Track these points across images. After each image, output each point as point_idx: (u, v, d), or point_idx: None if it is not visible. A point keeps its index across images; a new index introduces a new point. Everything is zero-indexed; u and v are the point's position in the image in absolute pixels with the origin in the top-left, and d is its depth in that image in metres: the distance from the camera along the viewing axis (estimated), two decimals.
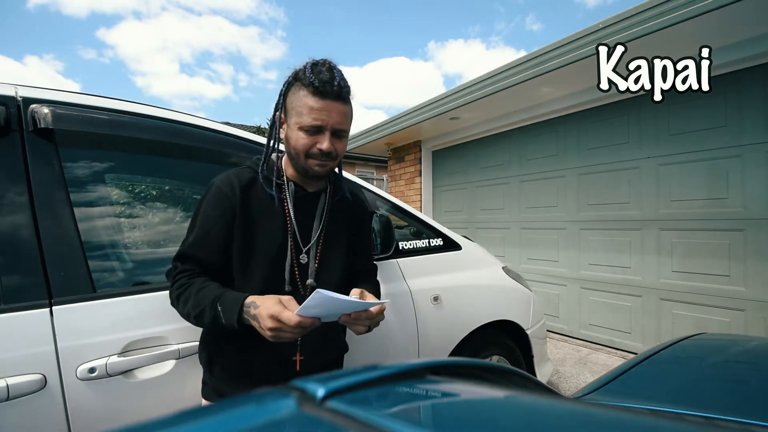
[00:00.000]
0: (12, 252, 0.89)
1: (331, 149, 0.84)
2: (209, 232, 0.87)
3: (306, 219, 0.93)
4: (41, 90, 1.01)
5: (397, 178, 5.41)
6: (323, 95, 0.80)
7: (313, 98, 0.80)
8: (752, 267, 2.44)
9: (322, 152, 0.83)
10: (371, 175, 11.97)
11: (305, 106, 0.81)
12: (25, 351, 0.84)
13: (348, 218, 1.01)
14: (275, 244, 0.89)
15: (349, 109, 0.87)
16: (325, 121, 0.81)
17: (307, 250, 0.92)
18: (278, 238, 0.89)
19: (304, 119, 0.81)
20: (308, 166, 0.86)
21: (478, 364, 0.61)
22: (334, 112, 0.82)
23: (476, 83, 3.41)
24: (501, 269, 1.94)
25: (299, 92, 0.82)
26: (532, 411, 0.41)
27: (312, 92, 0.80)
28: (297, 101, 0.83)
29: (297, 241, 0.91)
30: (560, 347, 3.27)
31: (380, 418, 0.30)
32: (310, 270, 0.92)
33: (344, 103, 0.84)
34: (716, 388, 0.92)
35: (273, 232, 0.89)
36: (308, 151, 0.84)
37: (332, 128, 0.83)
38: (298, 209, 0.92)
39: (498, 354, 1.79)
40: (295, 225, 0.91)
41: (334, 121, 0.82)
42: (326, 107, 0.81)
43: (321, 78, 0.80)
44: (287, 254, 0.89)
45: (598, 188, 3.24)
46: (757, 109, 2.42)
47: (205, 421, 0.33)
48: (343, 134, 0.87)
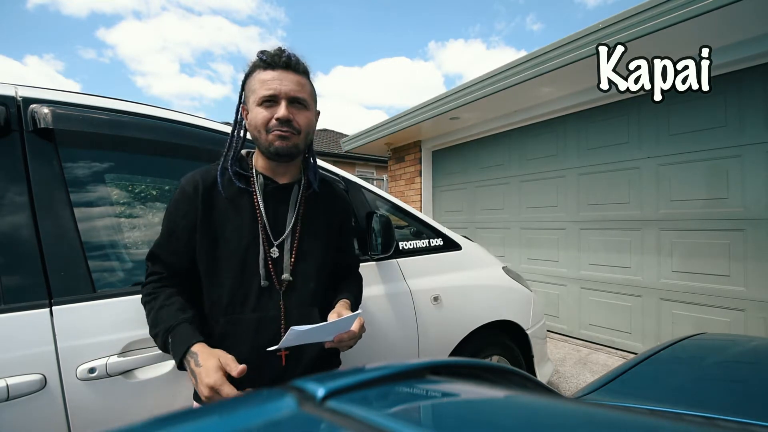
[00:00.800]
0: (12, 252, 0.89)
1: (289, 116, 0.84)
2: (173, 233, 0.88)
3: (279, 212, 0.91)
4: (41, 90, 1.01)
5: (397, 178, 5.41)
6: (273, 66, 0.84)
7: (264, 72, 0.84)
8: (752, 267, 2.44)
9: (279, 120, 0.83)
10: (371, 175, 11.98)
11: (258, 81, 0.84)
12: (25, 351, 0.84)
13: (328, 211, 0.99)
14: (244, 239, 0.87)
15: (305, 81, 0.88)
16: (277, 89, 0.83)
17: (279, 244, 0.90)
18: (247, 233, 0.87)
19: (258, 93, 0.84)
20: (270, 142, 0.85)
21: (478, 364, 0.61)
22: (285, 80, 0.84)
23: (476, 83, 3.41)
24: (501, 269, 1.94)
25: (254, 74, 0.86)
26: (532, 411, 0.41)
27: (263, 68, 0.84)
28: (252, 83, 0.86)
29: (268, 234, 0.89)
30: (560, 347, 3.27)
31: (380, 418, 0.30)
32: (284, 264, 0.89)
33: (297, 73, 0.86)
34: (716, 388, 0.92)
35: (242, 227, 0.87)
36: (267, 125, 0.84)
37: (286, 96, 0.83)
38: (268, 202, 0.90)
39: (498, 354, 1.79)
40: (265, 218, 0.89)
41: (287, 89, 0.83)
42: (277, 77, 0.83)
43: (269, 53, 0.85)
44: (259, 248, 0.87)
45: (598, 188, 3.24)
46: (757, 109, 2.42)
47: (204, 421, 0.33)
48: (302, 103, 0.86)
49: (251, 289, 0.86)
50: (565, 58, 2.68)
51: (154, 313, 0.84)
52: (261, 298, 0.87)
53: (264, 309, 0.87)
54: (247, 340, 0.86)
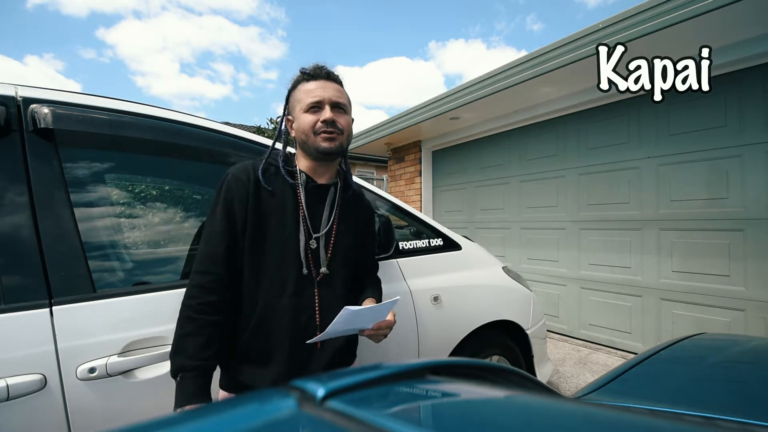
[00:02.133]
0: (12, 252, 0.89)
1: (334, 118, 0.93)
2: (231, 217, 0.90)
3: (317, 208, 0.98)
4: (41, 90, 1.01)
5: (397, 178, 5.41)
6: (315, 78, 0.95)
7: (308, 83, 0.95)
8: (752, 267, 2.44)
9: (326, 122, 0.92)
10: (371, 175, 11.96)
11: (303, 92, 0.94)
12: (25, 351, 0.84)
13: (358, 215, 1.07)
14: (287, 229, 0.93)
15: (343, 89, 0.99)
16: (322, 95, 0.93)
17: (317, 238, 0.96)
18: (290, 223, 0.94)
19: (304, 101, 0.93)
20: (317, 143, 0.93)
21: (478, 364, 0.61)
22: (328, 89, 0.94)
23: (476, 83, 3.41)
24: (501, 269, 1.94)
25: (297, 87, 0.97)
26: (532, 411, 0.41)
27: (306, 79, 0.96)
28: (297, 94, 0.96)
29: (308, 226, 0.95)
30: (560, 347, 3.27)
31: (380, 418, 0.30)
32: (321, 258, 0.96)
33: (336, 83, 0.97)
34: (716, 388, 0.92)
35: (285, 218, 0.94)
36: (314, 128, 0.93)
37: (330, 101, 0.94)
38: (308, 198, 0.97)
39: (498, 354, 1.79)
40: (305, 212, 0.96)
41: (329, 95, 0.94)
42: (320, 86, 0.94)
43: (311, 68, 0.96)
44: (300, 239, 0.93)
45: (598, 188, 3.24)
46: (757, 109, 2.42)
47: (205, 420, 0.33)
48: (342, 108, 0.96)
49: (290, 276, 0.92)
50: (565, 58, 2.68)
51: (182, 338, 0.85)
52: (298, 286, 0.93)
53: (300, 296, 0.93)
54: (284, 323, 0.91)
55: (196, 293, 0.86)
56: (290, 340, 0.91)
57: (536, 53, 2.88)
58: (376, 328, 0.93)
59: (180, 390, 0.81)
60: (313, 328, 0.93)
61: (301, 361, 0.92)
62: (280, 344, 0.91)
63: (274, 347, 0.91)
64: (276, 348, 0.91)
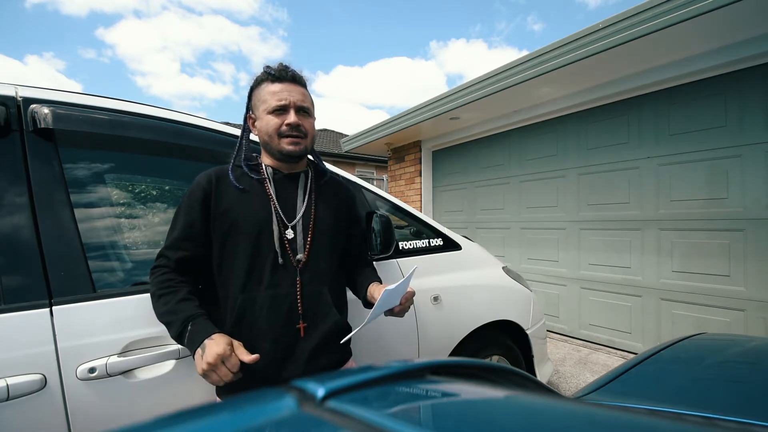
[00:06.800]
0: (12, 252, 0.89)
1: (298, 122, 0.94)
2: (191, 222, 0.93)
3: (289, 197, 0.99)
4: (41, 90, 1.01)
5: (397, 178, 5.41)
6: (281, 80, 0.95)
7: (273, 84, 0.95)
8: (752, 267, 2.44)
9: (291, 126, 0.94)
10: (371, 175, 11.97)
11: (268, 93, 0.94)
12: (25, 351, 0.84)
13: (336, 197, 1.09)
14: (257, 222, 0.94)
15: (307, 92, 1.00)
16: (287, 99, 0.94)
17: (293, 226, 0.97)
18: (260, 215, 0.94)
19: (269, 103, 0.94)
20: (282, 147, 0.95)
21: (478, 364, 0.61)
22: (293, 92, 0.95)
23: (476, 83, 3.41)
24: (501, 269, 1.94)
25: (261, 86, 0.96)
26: (532, 411, 0.41)
27: (271, 80, 0.95)
28: (261, 93, 0.96)
29: (281, 216, 0.96)
30: (560, 347, 3.27)
31: (380, 418, 0.30)
32: (298, 245, 0.97)
33: (301, 86, 0.98)
34: (716, 388, 0.92)
35: (254, 211, 0.94)
36: (279, 131, 0.94)
37: (295, 105, 0.94)
38: (278, 188, 0.99)
39: (498, 354, 1.79)
40: (276, 202, 0.96)
41: (295, 99, 0.94)
42: (286, 88, 0.94)
43: (276, 68, 0.95)
44: (273, 229, 0.94)
45: (598, 188, 3.24)
46: (757, 109, 2.42)
47: (205, 420, 0.33)
48: (306, 111, 0.97)
49: (265, 268, 0.93)
50: (565, 58, 2.68)
51: (173, 304, 0.87)
52: (275, 276, 0.93)
53: (278, 286, 0.94)
54: (264, 314, 0.92)
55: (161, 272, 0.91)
56: (272, 332, 0.92)
57: (536, 53, 2.88)
58: (405, 300, 0.97)
59: (195, 332, 0.83)
60: (296, 317, 0.94)
61: (285, 351, 0.93)
62: (264, 336, 0.91)
63: (257, 339, 0.91)
64: (259, 340, 0.91)
